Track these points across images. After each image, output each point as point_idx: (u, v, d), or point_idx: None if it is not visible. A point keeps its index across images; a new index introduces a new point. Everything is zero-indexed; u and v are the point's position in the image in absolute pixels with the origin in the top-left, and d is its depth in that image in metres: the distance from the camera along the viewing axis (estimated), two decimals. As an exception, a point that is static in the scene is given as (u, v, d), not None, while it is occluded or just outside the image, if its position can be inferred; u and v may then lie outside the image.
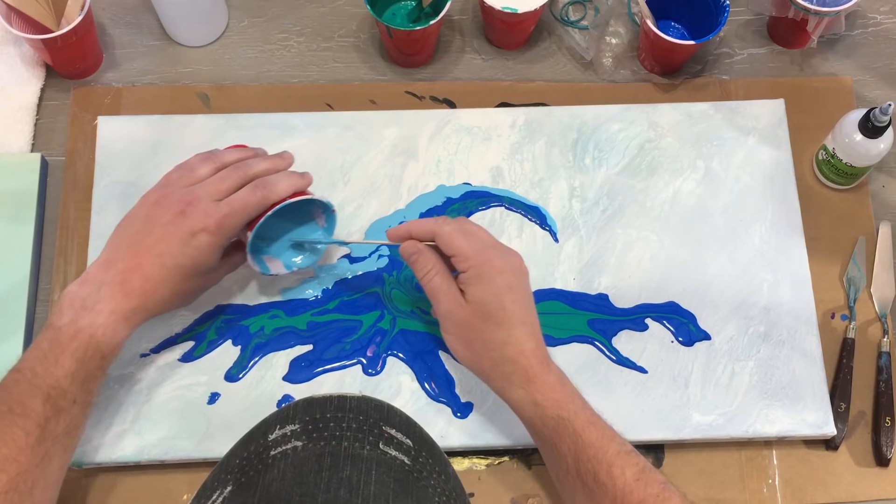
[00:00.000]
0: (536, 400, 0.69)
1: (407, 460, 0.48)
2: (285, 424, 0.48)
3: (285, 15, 0.97)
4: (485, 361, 0.71)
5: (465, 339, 0.72)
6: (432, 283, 0.73)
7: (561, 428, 0.68)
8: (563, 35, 0.97)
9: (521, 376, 0.70)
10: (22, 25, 0.87)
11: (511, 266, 0.72)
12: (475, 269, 0.71)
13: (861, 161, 0.87)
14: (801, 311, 0.85)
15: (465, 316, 0.71)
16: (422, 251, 0.74)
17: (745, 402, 0.81)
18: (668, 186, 0.89)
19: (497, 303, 0.70)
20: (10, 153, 0.89)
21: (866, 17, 1.00)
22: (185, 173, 0.76)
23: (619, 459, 0.67)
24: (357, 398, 0.49)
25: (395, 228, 0.76)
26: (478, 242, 0.72)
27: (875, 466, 0.82)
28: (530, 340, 0.71)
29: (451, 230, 0.72)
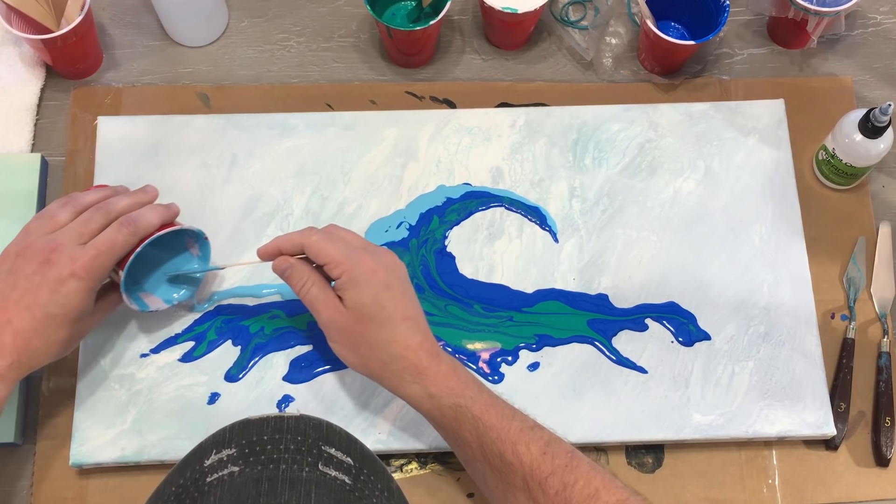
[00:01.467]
0: (431, 392, 0.69)
1: (348, 480, 0.48)
2: (221, 449, 0.48)
3: (285, 15, 0.97)
4: (374, 363, 0.71)
5: (351, 344, 0.72)
6: (309, 295, 0.72)
7: (460, 415, 0.68)
8: (563, 35, 0.97)
9: (411, 371, 0.70)
10: (22, 25, 0.87)
11: (384, 264, 0.71)
12: (348, 273, 0.70)
13: (861, 161, 0.87)
14: (801, 312, 0.85)
15: (346, 322, 0.71)
16: (293, 265, 0.73)
17: (745, 402, 0.81)
18: (668, 186, 0.89)
19: (375, 303, 0.70)
20: (10, 153, 0.89)
21: (866, 17, 1.00)
22: (44, 222, 0.73)
23: (522, 436, 0.67)
24: (295, 418, 0.49)
25: (264, 247, 0.75)
26: (346, 247, 0.71)
27: (875, 466, 0.82)
28: (416, 334, 0.70)
29: (318, 239, 0.71)
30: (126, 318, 0.82)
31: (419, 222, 0.87)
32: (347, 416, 0.80)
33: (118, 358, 0.81)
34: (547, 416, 0.80)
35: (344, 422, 0.79)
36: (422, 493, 0.80)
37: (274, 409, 0.80)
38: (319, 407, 0.80)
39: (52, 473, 0.79)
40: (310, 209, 0.87)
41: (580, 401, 0.81)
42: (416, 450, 0.80)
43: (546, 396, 0.81)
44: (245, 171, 0.88)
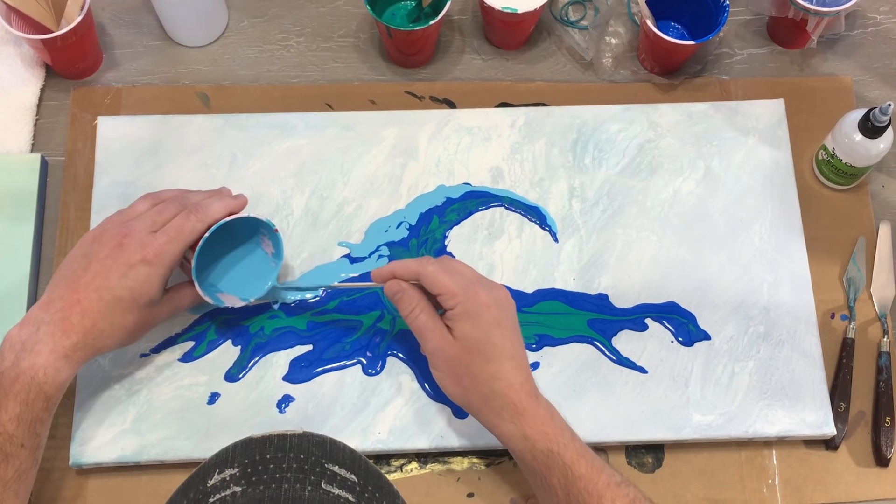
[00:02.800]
0: (526, 434, 0.70)
1: (352, 498, 0.47)
2: (224, 468, 0.48)
3: (285, 15, 0.97)
4: (474, 397, 0.72)
5: (455, 374, 0.72)
6: (418, 321, 0.73)
7: (551, 461, 0.69)
8: (562, 35, 0.97)
9: (510, 410, 0.70)
10: (22, 25, 0.87)
11: (497, 300, 0.72)
12: (462, 305, 0.71)
13: (861, 161, 0.87)
14: (801, 311, 0.85)
15: (453, 352, 0.72)
16: (405, 290, 0.74)
17: (744, 402, 0.81)
18: (667, 186, 0.89)
19: (485, 338, 0.71)
20: (10, 153, 0.89)
21: (866, 17, 1.00)
22: (124, 212, 0.76)
23: (609, 491, 0.67)
24: (298, 435, 0.49)
25: (378, 269, 0.76)
26: (462, 279, 0.72)
27: (875, 466, 0.82)
28: (519, 374, 0.71)
29: (436, 269, 0.72)
30: (126, 317, 0.82)
31: (419, 222, 0.87)
32: (347, 416, 0.80)
33: (118, 358, 0.81)
34: (547, 415, 0.80)
35: (344, 422, 0.79)
36: (422, 493, 0.80)
37: (274, 408, 0.80)
38: (319, 407, 0.80)
39: (52, 473, 0.79)
40: (309, 209, 0.87)
41: (580, 401, 0.81)
42: (416, 450, 0.80)
43: (546, 396, 0.81)
44: (245, 171, 0.88)
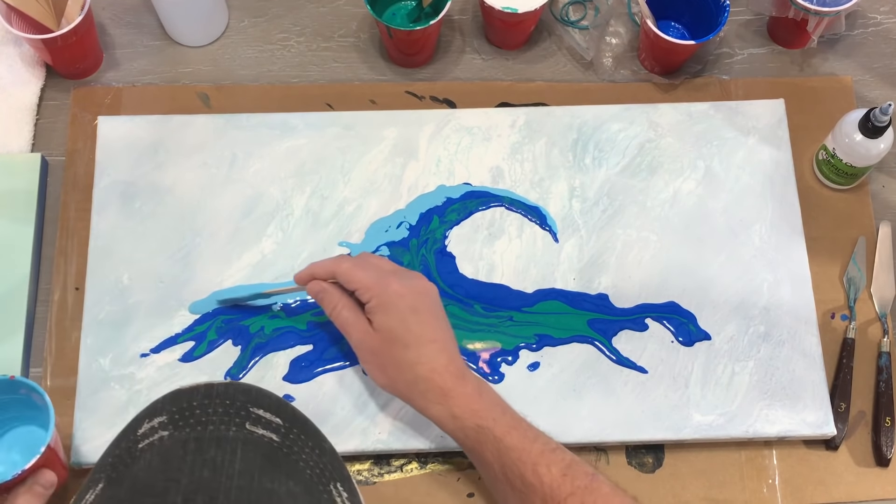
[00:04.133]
0: (454, 413, 0.71)
1: (276, 437, 0.49)
2: (154, 417, 0.49)
3: (285, 15, 0.97)
4: (400, 384, 0.73)
5: (380, 365, 0.74)
6: (340, 318, 0.75)
7: (482, 436, 0.70)
8: (563, 35, 0.97)
9: (436, 393, 0.71)
10: (22, 25, 0.87)
11: (412, 288, 0.74)
12: (377, 297, 0.73)
13: (861, 161, 0.86)
14: (801, 311, 0.85)
15: (375, 343, 0.73)
16: (325, 289, 0.76)
17: (745, 402, 0.81)
18: (668, 186, 0.89)
19: (402, 326, 0.72)
20: (10, 153, 0.89)
21: (866, 17, 1.00)
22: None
23: (543, 458, 0.68)
24: (225, 384, 0.50)
25: (300, 273, 0.78)
26: (376, 272, 0.74)
27: (875, 466, 0.82)
28: (441, 356, 0.72)
29: (349, 266, 0.74)
30: (126, 317, 0.82)
31: (419, 222, 0.87)
32: (347, 416, 0.80)
33: (118, 358, 0.81)
34: (547, 416, 0.80)
35: (344, 422, 0.79)
36: (422, 493, 0.80)
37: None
38: (319, 407, 0.80)
39: (52, 473, 0.79)
40: (310, 209, 0.87)
41: (580, 401, 0.81)
42: (416, 450, 0.80)
43: (546, 396, 0.81)
44: (245, 171, 0.88)
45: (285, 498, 0.46)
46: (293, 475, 0.47)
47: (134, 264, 0.84)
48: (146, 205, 0.86)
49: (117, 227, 0.85)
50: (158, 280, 0.84)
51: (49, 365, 0.82)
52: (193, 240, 0.85)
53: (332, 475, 0.49)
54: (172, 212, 0.86)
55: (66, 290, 0.85)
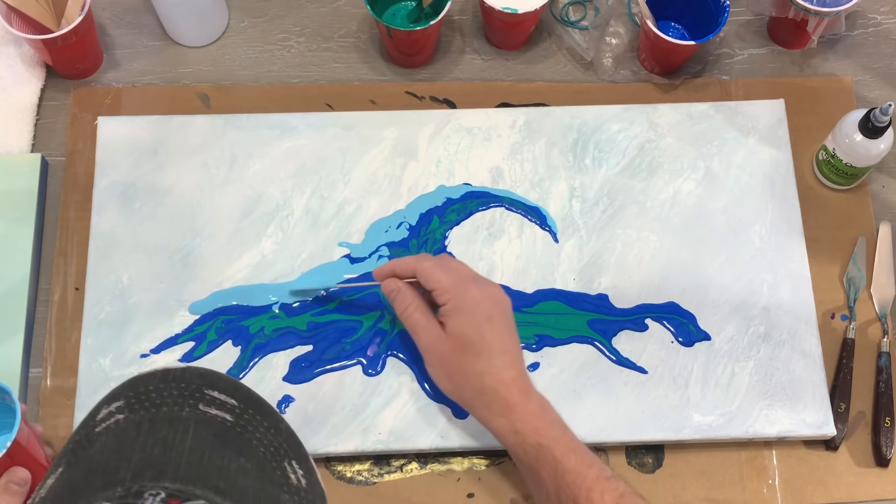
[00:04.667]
0: (517, 428, 0.71)
1: (230, 417, 0.49)
2: (112, 403, 0.50)
3: (285, 15, 0.97)
4: (467, 392, 0.73)
5: (447, 370, 0.73)
6: (412, 319, 0.75)
7: (541, 455, 0.70)
8: (563, 35, 0.97)
9: (501, 405, 0.71)
10: (22, 25, 0.87)
11: (489, 296, 0.73)
12: (453, 300, 0.72)
13: (861, 161, 0.86)
14: (801, 312, 0.85)
15: (445, 348, 0.73)
16: (400, 289, 0.75)
17: (744, 402, 0.81)
18: (668, 186, 0.89)
19: (476, 333, 0.72)
20: (10, 153, 0.89)
21: (866, 17, 1.00)
22: None
23: (598, 484, 0.68)
24: (181, 369, 0.51)
25: (380, 268, 0.77)
26: (456, 275, 0.74)
27: (875, 467, 0.82)
28: (510, 369, 0.72)
29: (431, 265, 0.74)
30: (126, 318, 0.82)
31: (419, 222, 0.87)
32: (347, 417, 0.80)
33: (118, 358, 0.81)
34: (547, 416, 0.80)
35: (344, 422, 0.79)
36: (422, 493, 0.80)
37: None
38: (319, 407, 0.80)
39: (52, 473, 0.79)
40: (310, 209, 0.87)
41: (580, 401, 0.81)
42: (417, 450, 0.80)
43: (546, 396, 0.81)
44: (245, 171, 0.88)
45: (235, 473, 0.46)
46: (245, 452, 0.48)
47: (134, 264, 0.84)
48: (146, 205, 0.86)
49: (117, 227, 0.85)
50: (158, 280, 0.84)
51: (49, 365, 0.82)
52: (193, 240, 0.85)
53: (287, 453, 0.50)
54: (172, 212, 0.86)
55: (66, 290, 0.85)
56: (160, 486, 0.44)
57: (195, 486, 0.45)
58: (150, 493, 0.44)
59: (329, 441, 0.79)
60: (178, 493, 0.44)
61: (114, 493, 0.44)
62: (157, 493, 0.44)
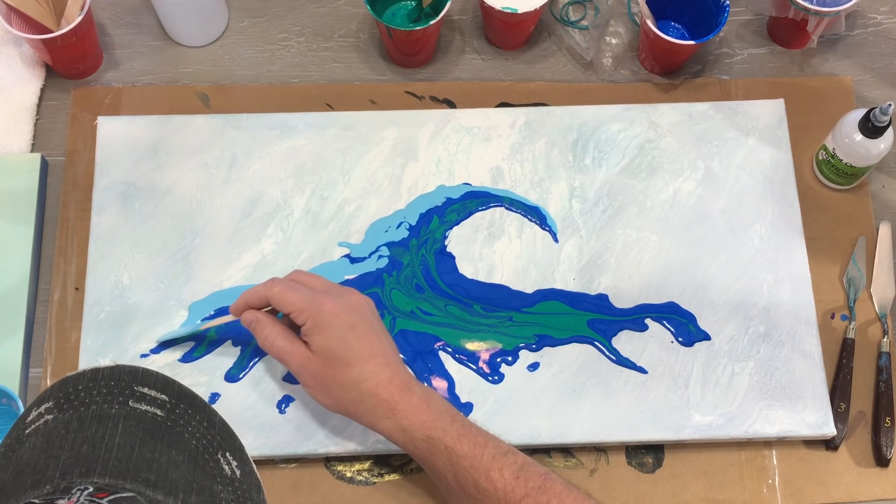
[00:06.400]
0: (403, 426, 0.71)
1: (160, 412, 0.50)
2: (41, 405, 0.50)
3: (285, 15, 0.97)
4: (347, 403, 0.72)
5: (324, 387, 0.73)
6: (275, 347, 0.74)
7: (433, 447, 0.70)
8: (563, 35, 0.97)
9: (383, 408, 0.71)
10: (22, 25, 0.87)
11: (346, 305, 0.73)
12: (312, 318, 0.72)
13: (861, 161, 0.86)
14: (801, 312, 0.85)
15: (316, 366, 0.72)
16: (258, 319, 0.74)
17: (744, 402, 0.81)
18: (668, 187, 0.89)
19: (341, 345, 0.71)
20: (10, 153, 0.89)
21: (866, 17, 1.00)
22: None
23: (495, 462, 0.68)
24: (111, 367, 0.51)
25: (234, 303, 0.76)
26: (307, 293, 0.73)
27: (875, 467, 0.82)
28: (385, 370, 0.72)
29: (281, 289, 0.73)
30: (126, 318, 0.82)
31: (419, 222, 0.87)
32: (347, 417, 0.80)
33: (118, 358, 0.81)
34: (547, 416, 0.80)
35: (344, 422, 0.79)
36: (422, 493, 0.80)
37: (274, 408, 0.80)
38: (319, 407, 0.80)
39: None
40: (310, 209, 0.87)
41: (580, 401, 0.81)
42: (416, 450, 0.80)
43: (546, 396, 0.81)
44: (245, 172, 0.88)
45: (166, 466, 0.47)
46: (176, 446, 0.48)
47: (134, 264, 0.84)
48: (146, 205, 0.86)
49: (117, 227, 0.85)
50: (158, 280, 0.84)
51: (49, 365, 0.82)
52: (193, 240, 0.85)
53: (220, 445, 0.50)
54: (172, 212, 0.86)
55: (66, 290, 0.85)
56: (89, 481, 0.45)
57: (125, 479, 0.45)
58: (77, 489, 0.44)
59: (329, 441, 0.79)
60: (106, 487, 0.45)
61: (42, 490, 0.45)
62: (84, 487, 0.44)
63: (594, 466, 0.81)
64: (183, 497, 0.46)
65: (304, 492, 0.79)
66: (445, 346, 0.83)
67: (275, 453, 0.79)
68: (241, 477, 0.49)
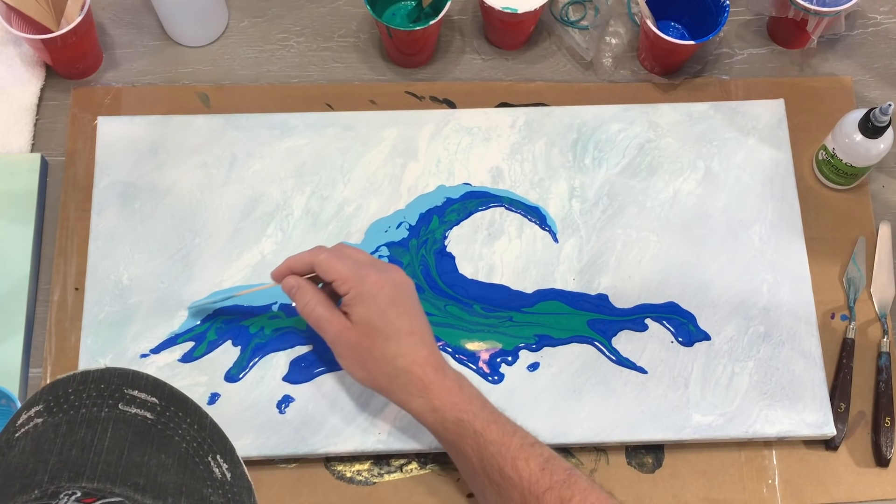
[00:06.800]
0: (435, 406, 0.71)
1: (150, 416, 0.50)
2: (31, 408, 0.50)
3: (285, 15, 0.97)
4: (381, 378, 0.72)
5: (359, 359, 0.73)
6: (315, 314, 0.74)
7: (462, 430, 0.70)
8: (563, 35, 0.97)
9: (417, 385, 0.71)
10: (22, 25, 0.87)
11: (390, 280, 0.73)
12: (355, 289, 0.72)
13: (861, 161, 0.86)
14: (801, 312, 0.85)
15: (353, 337, 0.72)
16: (300, 285, 0.74)
17: (744, 402, 0.81)
18: (667, 187, 0.89)
19: (382, 318, 0.71)
20: (10, 153, 0.89)
21: (866, 17, 1.00)
22: None
23: (522, 452, 0.68)
24: (101, 370, 0.51)
25: (277, 268, 0.76)
26: (353, 263, 0.73)
27: (875, 467, 0.82)
28: (422, 349, 0.72)
29: (327, 257, 0.73)
30: (126, 318, 0.82)
31: (419, 222, 0.87)
32: (347, 417, 0.80)
33: (118, 358, 0.81)
34: (547, 416, 0.80)
35: (344, 422, 0.79)
36: (422, 492, 0.80)
37: (274, 408, 0.80)
38: (319, 407, 0.80)
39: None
40: (310, 209, 0.87)
41: (580, 401, 0.81)
42: (416, 450, 0.80)
43: (546, 396, 0.81)
44: (245, 172, 0.88)
45: (155, 469, 0.47)
46: (166, 449, 0.48)
47: (134, 264, 0.84)
48: (146, 205, 0.86)
49: (117, 227, 0.85)
50: (158, 280, 0.84)
51: (49, 365, 0.82)
52: (193, 240, 0.85)
53: (211, 448, 0.50)
54: (172, 212, 0.86)
55: (66, 290, 0.85)
56: (77, 486, 0.45)
57: (113, 484, 0.45)
58: (65, 494, 0.44)
59: (329, 441, 0.79)
60: (94, 492, 0.44)
61: (30, 495, 0.44)
62: (72, 492, 0.44)
63: (594, 466, 0.81)
64: (172, 501, 0.46)
65: (304, 492, 0.79)
66: (445, 346, 0.83)
67: (275, 453, 0.79)
68: (231, 480, 0.49)
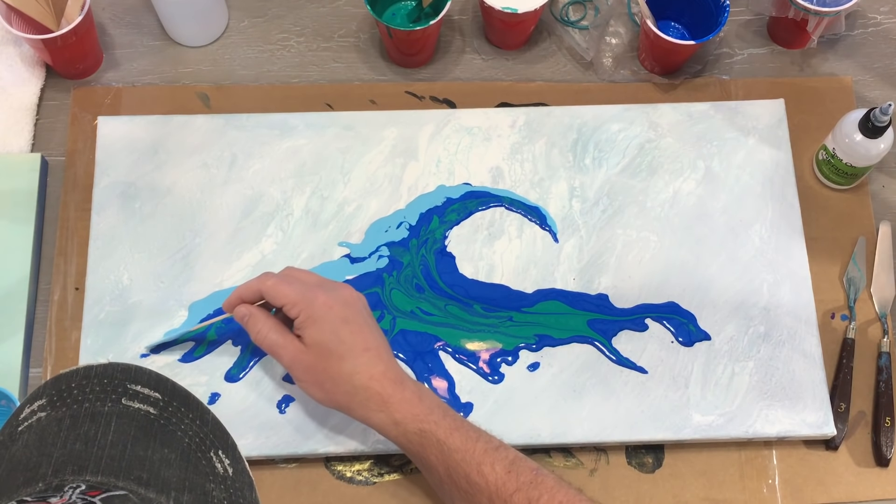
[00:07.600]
0: (396, 419, 0.71)
1: (153, 410, 0.50)
2: (34, 402, 0.50)
3: (285, 15, 0.97)
4: (340, 397, 0.72)
5: (316, 381, 0.73)
6: (268, 340, 0.74)
7: (425, 440, 0.70)
8: (563, 35, 0.97)
9: (376, 401, 0.71)
10: (22, 25, 0.87)
11: (339, 298, 0.73)
12: (305, 311, 0.72)
13: (861, 161, 0.86)
14: (801, 312, 0.85)
15: (308, 360, 0.72)
16: (252, 313, 0.74)
17: (744, 402, 0.81)
18: (668, 186, 0.89)
19: (334, 338, 0.71)
20: (10, 153, 0.89)
21: (866, 17, 1.00)
22: None
23: (487, 457, 0.68)
24: (104, 365, 0.51)
25: (227, 298, 0.76)
26: (301, 286, 0.73)
27: (875, 467, 0.82)
28: (378, 364, 0.72)
29: (274, 282, 0.73)
30: (126, 318, 0.82)
31: (419, 222, 0.87)
32: (347, 417, 0.80)
33: (118, 358, 0.81)
34: (547, 416, 0.80)
35: (344, 422, 0.79)
36: (421, 493, 0.80)
37: (274, 408, 0.80)
38: (319, 407, 0.80)
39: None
40: (310, 209, 0.87)
41: (580, 401, 0.81)
42: (416, 450, 0.80)
43: (546, 396, 0.81)
44: (245, 171, 0.88)
45: (158, 464, 0.47)
46: (169, 444, 0.49)
47: (134, 264, 0.84)
48: (146, 205, 0.86)
49: (117, 227, 0.85)
50: (158, 280, 0.84)
51: (49, 365, 0.82)
52: (193, 240, 0.85)
53: (213, 443, 0.50)
54: (172, 212, 0.86)
55: (66, 290, 0.85)
56: (81, 479, 0.45)
57: (117, 478, 0.46)
58: (70, 487, 0.44)
59: (329, 441, 0.79)
60: (98, 485, 0.45)
61: (35, 488, 0.45)
62: (77, 485, 0.44)
63: (594, 466, 0.81)
64: (175, 495, 0.46)
65: (304, 492, 0.79)
66: (445, 346, 0.83)
67: (275, 453, 0.79)
68: (233, 475, 0.49)
